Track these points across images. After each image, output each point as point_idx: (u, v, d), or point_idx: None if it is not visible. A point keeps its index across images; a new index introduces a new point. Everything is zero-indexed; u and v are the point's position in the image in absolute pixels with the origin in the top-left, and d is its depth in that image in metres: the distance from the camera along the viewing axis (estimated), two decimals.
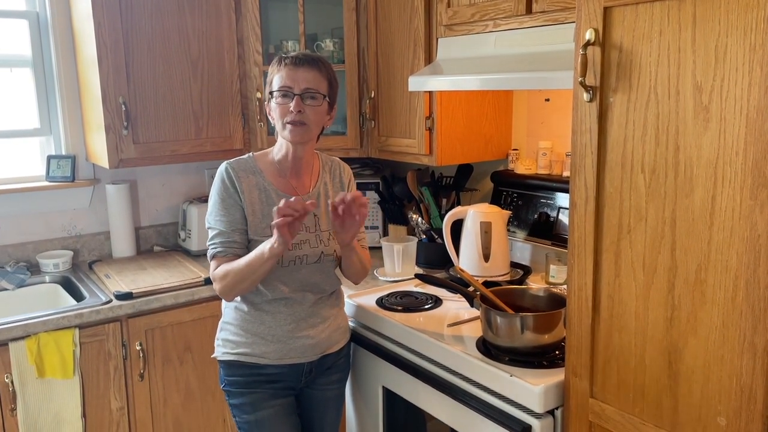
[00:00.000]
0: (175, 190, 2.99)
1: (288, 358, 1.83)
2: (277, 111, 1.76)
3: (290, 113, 1.73)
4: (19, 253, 2.68)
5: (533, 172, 2.42)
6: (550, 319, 1.65)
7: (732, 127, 1.18)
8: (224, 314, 1.90)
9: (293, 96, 1.73)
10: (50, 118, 2.73)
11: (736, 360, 1.23)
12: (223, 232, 1.76)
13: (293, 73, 1.74)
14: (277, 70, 1.77)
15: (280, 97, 1.74)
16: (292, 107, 1.73)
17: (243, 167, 1.81)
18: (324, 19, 2.76)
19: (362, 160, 2.95)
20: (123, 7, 2.40)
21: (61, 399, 2.19)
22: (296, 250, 1.79)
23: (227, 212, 1.76)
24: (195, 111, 2.61)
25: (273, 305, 1.81)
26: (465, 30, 2.15)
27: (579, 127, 1.44)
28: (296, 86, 1.73)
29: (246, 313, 1.83)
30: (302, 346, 1.83)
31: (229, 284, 1.74)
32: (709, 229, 1.24)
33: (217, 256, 1.77)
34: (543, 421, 1.55)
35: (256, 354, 1.81)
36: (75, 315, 2.19)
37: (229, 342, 1.85)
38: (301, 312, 1.83)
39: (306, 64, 1.75)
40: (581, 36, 1.39)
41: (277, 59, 1.79)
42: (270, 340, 1.81)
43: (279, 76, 1.75)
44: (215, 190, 1.79)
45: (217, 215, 1.77)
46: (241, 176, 1.78)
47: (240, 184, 1.77)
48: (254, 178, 1.80)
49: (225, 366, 1.86)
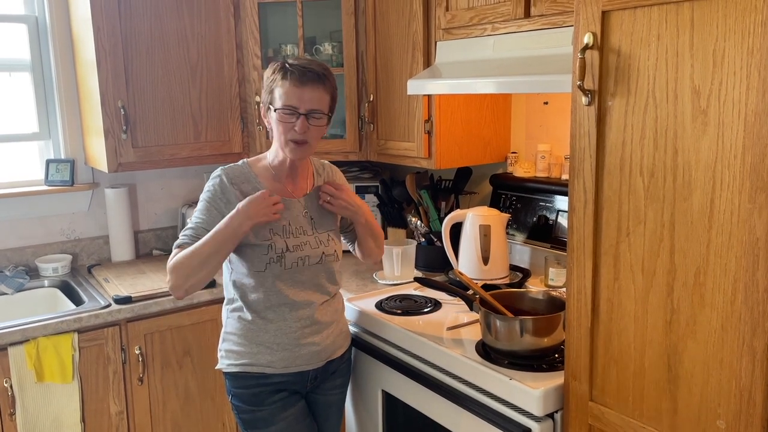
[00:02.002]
0: (174, 194, 2.99)
1: (294, 366, 1.82)
2: (279, 127, 1.74)
3: (293, 132, 1.72)
4: (18, 258, 2.68)
5: (532, 175, 2.42)
6: (549, 323, 1.65)
7: (730, 130, 1.18)
8: (226, 324, 1.88)
9: (298, 116, 1.72)
10: (49, 122, 2.73)
11: (735, 363, 1.23)
12: (197, 228, 1.74)
13: (299, 91, 1.70)
14: (280, 82, 1.72)
15: (285, 115, 1.72)
16: (297, 128, 1.71)
17: (237, 174, 1.80)
18: (323, 23, 2.76)
19: (361, 164, 2.95)
20: (122, 12, 2.40)
21: (60, 403, 2.18)
22: (297, 251, 1.79)
23: (209, 215, 1.75)
24: (194, 115, 2.61)
25: (277, 312, 1.79)
26: (463, 33, 2.16)
27: (577, 130, 1.45)
28: (302, 106, 1.71)
29: (249, 321, 1.81)
30: (308, 353, 1.83)
31: (186, 273, 1.68)
32: (707, 232, 1.24)
33: (182, 245, 1.73)
34: (542, 425, 1.55)
35: (261, 364, 1.80)
36: (74, 319, 2.19)
37: (233, 353, 1.83)
38: (305, 318, 1.82)
39: (312, 81, 1.71)
40: (579, 40, 1.40)
41: (281, 69, 1.74)
42: (275, 349, 1.80)
43: (283, 92, 1.71)
44: (205, 193, 1.79)
45: (200, 215, 1.77)
46: (235, 184, 1.77)
47: (233, 193, 1.76)
48: (249, 185, 1.79)
49: (231, 378, 1.84)
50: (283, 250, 1.77)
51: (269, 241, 1.76)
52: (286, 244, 1.78)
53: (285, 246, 1.77)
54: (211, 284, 2.45)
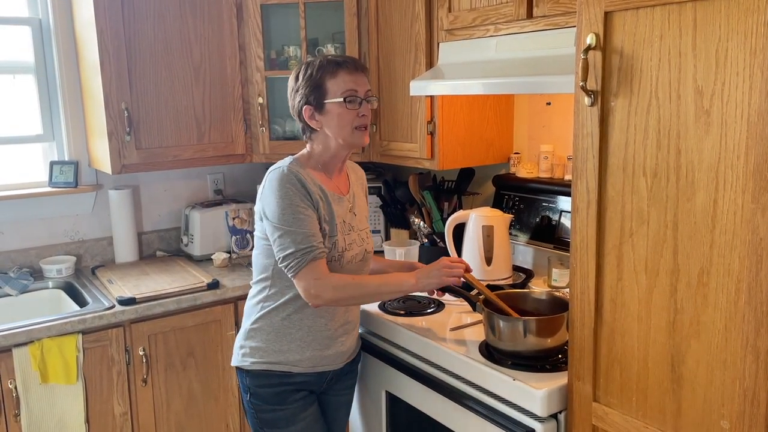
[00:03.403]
0: (177, 195, 2.99)
1: (320, 367, 1.83)
2: (343, 117, 1.73)
3: (360, 117, 1.74)
4: (22, 259, 2.68)
5: (535, 175, 2.42)
6: (553, 323, 1.65)
7: (733, 131, 1.18)
8: (254, 319, 1.82)
9: (360, 100, 1.74)
10: (53, 124, 2.74)
11: (738, 363, 1.23)
12: (310, 234, 1.67)
13: (354, 77, 1.74)
14: (332, 74, 1.72)
15: (348, 103, 1.72)
16: (365, 111, 1.75)
17: (299, 170, 1.74)
18: (325, 24, 2.77)
19: (364, 164, 2.93)
20: (125, 14, 2.41)
21: (65, 404, 2.19)
22: (351, 249, 1.80)
23: (306, 215, 1.69)
24: (197, 116, 2.62)
25: (315, 309, 1.76)
26: (466, 34, 2.16)
27: (580, 131, 1.45)
28: (360, 90, 1.75)
29: (284, 319, 1.78)
30: (334, 354, 1.84)
31: (342, 298, 1.71)
32: (711, 232, 1.24)
33: (317, 259, 1.67)
34: (546, 425, 1.55)
35: (289, 362, 1.79)
36: (78, 320, 2.20)
37: (259, 350, 1.80)
38: (340, 317, 1.83)
39: (361, 67, 1.78)
40: (582, 40, 1.40)
41: (329, 63, 1.73)
42: (305, 347, 1.78)
43: (340, 81, 1.72)
44: (284, 195, 1.68)
45: (294, 218, 1.67)
46: (304, 179, 1.72)
47: (309, 187, 1.72)
48: (311, 181, 1.74)
49: (252, 376, 1.81)
50: (343, 248, 1.78)
51: (336, 238, 1.75)
52: (345, 241, 1.78)
53: (344, 243, 1.78)
54: (214, 285, 2.45)
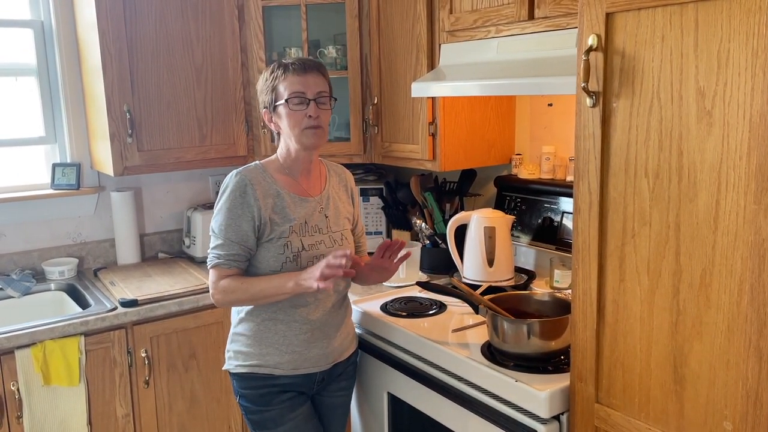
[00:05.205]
0: (179, 197, 3.00)
1: (303, 368, 1.83)
2: (291, 118, 1.76)
3: (308, 118, 1.75)
4: (25, 261, 2.69)
5: (537, 176, 2.42)
6: (557, 326, 1.65)
7: (735, 131, 1.18)
8: (235, 325, 1.88)
9: (308, 101, 1.75)
10: (55, 126, 2.74)
11: (741, 364, 1.23)
12: (227, 243, 1.74)
13: (303, 78, 1.75)
14: (283, 77, 1.76)
15: (295, 104, 1.75)
16: (311, 113, 1.75)
17: (254, 174, 1.79)
18: (327, 26, 2.77)
19: (365, 166, 2.96)
20: (127, 16, 2.41)
21: (67, 406, 2.19)
22: (313, 250, 1.79)
23: (235, 223, 1.74)
24: (199, 118, 2.62)
25: (289, 314, 1.79)
26: (467, 36, 2.16)
27: (582, 132, 1.45)
28: (309, 91, 1.75)
29: (259, 324, 1.81)
30: (316, 356, 1.83)
31: (232, 300, 1.78)
32: (713, 233, 1.24)
33: (219, 267, 1.76)
34: (549, 427, 1.55)
35: (269, 365, 1.80)
36: (80, 322, 2.20)
37: (242, 354, 1.83)
38: (315, 320, 1.82)
39: (312, 69, 1.78)
40: (584, 41, 1.40)
41: (279, 66, 1.78)
42: (284, 351, 1.80)
43: (288, 83, 1.75)
44: (226, 199, 1.75)
45: (224, 224, 1.74)
46: (254, 184, 1.76)
47: (255, 193, 1.75)
48: (266, 184, 1.79)
49: (238, 378, 1.85)
50: (299, 249, 1.77)
51: (286, 239, 1.76)
52: (302, 242, 1.78)
53: (301, 245, 1.77)
54: None
